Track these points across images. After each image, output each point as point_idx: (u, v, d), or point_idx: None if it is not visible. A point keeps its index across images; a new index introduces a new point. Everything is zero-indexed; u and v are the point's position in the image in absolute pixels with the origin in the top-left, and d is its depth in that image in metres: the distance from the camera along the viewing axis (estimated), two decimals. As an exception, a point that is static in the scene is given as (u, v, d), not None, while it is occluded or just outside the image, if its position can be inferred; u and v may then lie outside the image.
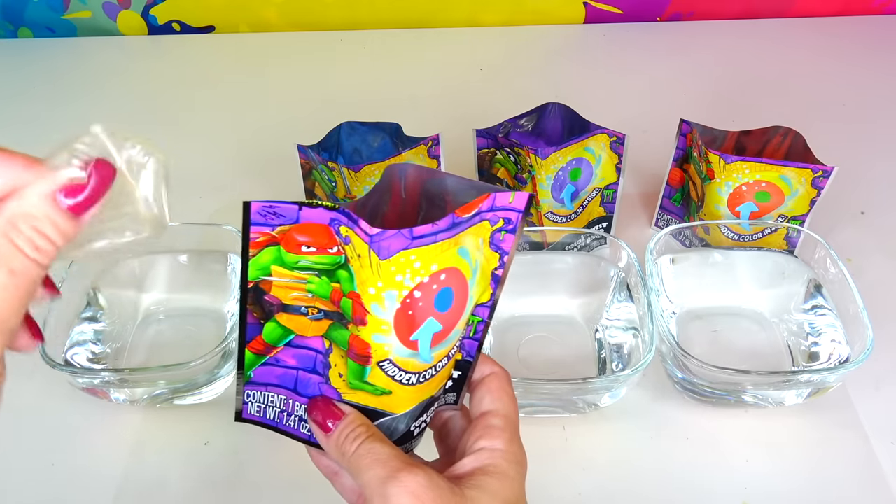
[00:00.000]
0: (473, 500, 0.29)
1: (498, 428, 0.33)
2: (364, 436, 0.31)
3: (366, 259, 0.29)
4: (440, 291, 0.30)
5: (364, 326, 0.30)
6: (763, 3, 0.93)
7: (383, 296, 0.29)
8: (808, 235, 0.54)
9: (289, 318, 0.32)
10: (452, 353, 0.33)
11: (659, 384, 0.52)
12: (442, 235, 0.29)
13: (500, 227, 0.31)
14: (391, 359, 0.31)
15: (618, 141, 0.57)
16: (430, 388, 0.33)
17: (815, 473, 0.48)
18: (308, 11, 0.93)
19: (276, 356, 0.33)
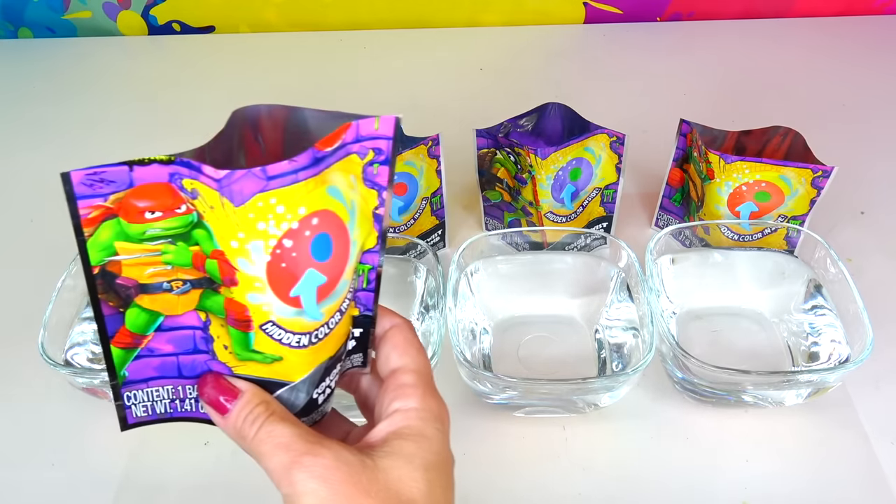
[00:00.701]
0: (388, 470, 0.27)
1: (409, 385, 0.30)
2: (264, 416, 0.28)
3: (219, 209, 0.25)
4: (315, 238, 0.26)
5: (236, 287, 0.27)
6: (763, 3, 0.93)
7: (248, 248, 0.26)
8: (808, 235, 0.54)
9: (152, 300, 0.28)
10: (345, 306, 0.30)
11: (659, 384, 0.52)
12: (304, 174, 0.25)
13: (371, 160, 0.28)
14: (273, 320, 0.27)
15: (618, 141, 0.57)
16: (326, 349, 0.30)
17: (816, 473, 0.48)
18: (308, 11, 0.93)
19: (149, 345, 0.29)
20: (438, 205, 0.60)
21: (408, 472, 0.28)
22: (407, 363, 0.31)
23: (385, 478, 0.27)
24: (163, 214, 0.26)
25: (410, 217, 0.59)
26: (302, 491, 0.26)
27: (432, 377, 0.32)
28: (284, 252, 0.26)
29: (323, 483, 0.26)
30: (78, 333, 0.53)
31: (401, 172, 0.56)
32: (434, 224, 0.61)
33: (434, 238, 0.62)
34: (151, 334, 0.28)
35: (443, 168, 0.58)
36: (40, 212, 0.68)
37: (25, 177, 0.73)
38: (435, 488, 0.28)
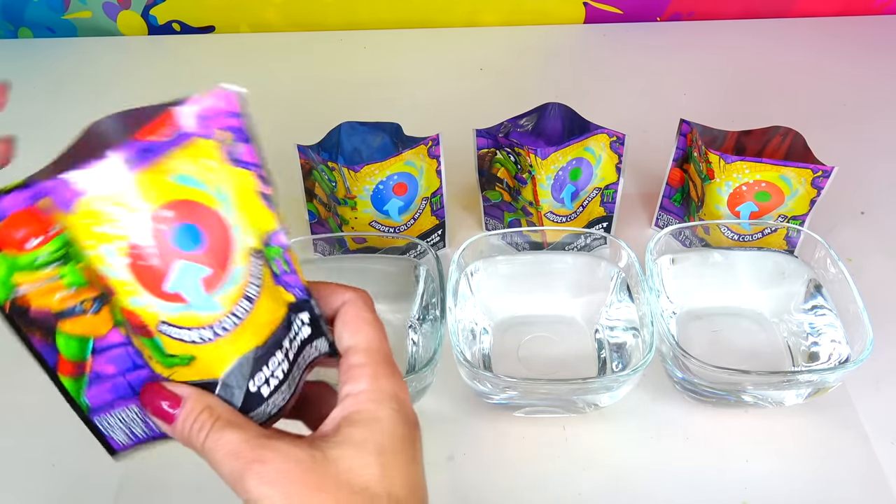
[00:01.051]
0: (338, 460, 0.27)
1: (359, 366, 0.29)
2: (209, 423, 0.27)
3: (70, 221, 0.25)
4: (176, 229, 0.25)
5: (115, 295, 0.26)
6: (763, 3, 0.93)
7: (101, 254, 0.25)
8: (808, 235, 0.54)
9: (72, 324, 0.27)
10: (254, 292, 0.28)
11: (659, 384, 0.52)
12: (124, 171, 0.24)
13: (231, 141, 0.27)
14: (164, 320, 0.27)
15: (618, 141, 0.57)
16: (245, 339, 0.28)
17: (815, 473, 0.48)
18: (308, 11, 0.93)
19: (94, 371, 0.28)
20: (438, 205, 0.60)
21: (359, 459, 0.27)
22: (358, 342, 0.30)
23: (335, 469, 0.27)
24: (42, 240, 0.25)
25: (410, 217, 0.59)
26: (257, 497, 0.26)
27: (387, 352, 0.30)
28: (140, 249, 0.25)
29: (274, 486, 0.26)
30: (78, 333, 0.53)
31: (401, 172, 0.56)
32: (434, 224, 0.61)
33: (434, 238, 0.62)
34: (90, 359, 0.28)
35: (443, 168, 0.58)
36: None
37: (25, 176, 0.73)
38: (391, 471, 0.27)
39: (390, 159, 0.55)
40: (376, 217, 0.57)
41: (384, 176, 0.55)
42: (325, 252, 0.56)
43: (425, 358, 0.51)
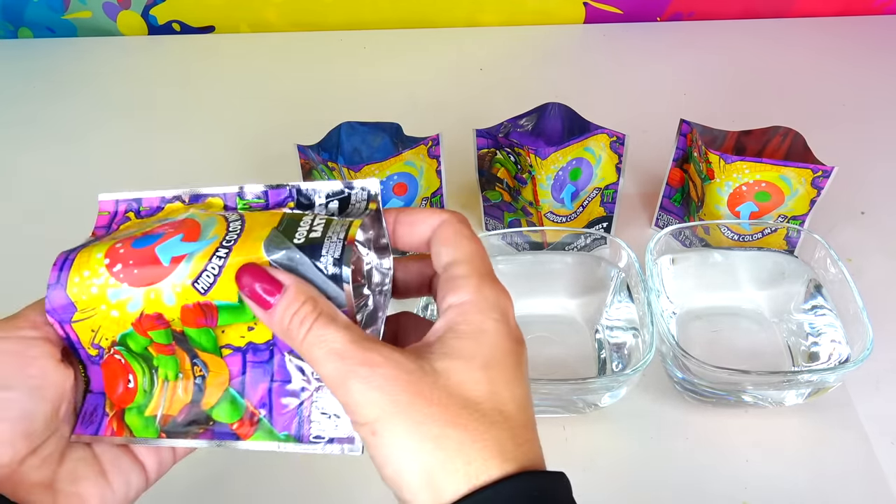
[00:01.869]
0: (447, 373, 0.25)
1: (461, 277, 0.28)
2: (312, 317, 0.26)
3: (89, 322, 0.30)
4: (132, 242, 0.29)
5: (164, 314, 0.29)
6: (763, 3, 0.93)
7: (114, 301, 0.29)
8: (808, 235, 0.54)
9: (210, 396, 0.30)
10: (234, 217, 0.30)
11: (659, 384, 0.52)
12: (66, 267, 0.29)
13: (137, 213, 0.33)
14: (191, 282, 0.28)
15: (618, 141, 0.57)
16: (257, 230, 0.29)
17: (815, 473, 0.48)
18: (308, 11, 0.93)
19: (258, 406, 0.30)
20: (438, 205, 0.60)
21: (467, 373, 0.26)
22: (457, 256, 0.28)
23: (445, 382, 0.25)
24: (133, 385, 0.30)
25: (410, 217, 0.59)
26: (360, 401, 0.25)
27: (489, 265, 0.29)
28: (121, 270, 0.29)
29: (383, 394, 0.25)
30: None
31: (401, 172, 0.56)
32: (434, 224, 0.61)
33: (434, 238, 0.62)
34: (247, 403, 0.30)
35: (443, 168, 0.58)
36: (40, 211, 0.68)
37: (25, 176, 0.73)
38: (498, 385, 0.26)
39: (390, 159, 0.55)
40: (376, 217, 0.57)
41: (384, 176, 0.55)
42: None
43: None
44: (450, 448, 0.25)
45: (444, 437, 0.25)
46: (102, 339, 0.30)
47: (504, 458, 0.25)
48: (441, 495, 0.24)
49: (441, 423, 0.25)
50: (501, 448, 0.25)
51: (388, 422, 0.25)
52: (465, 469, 0.24)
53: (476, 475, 0.25)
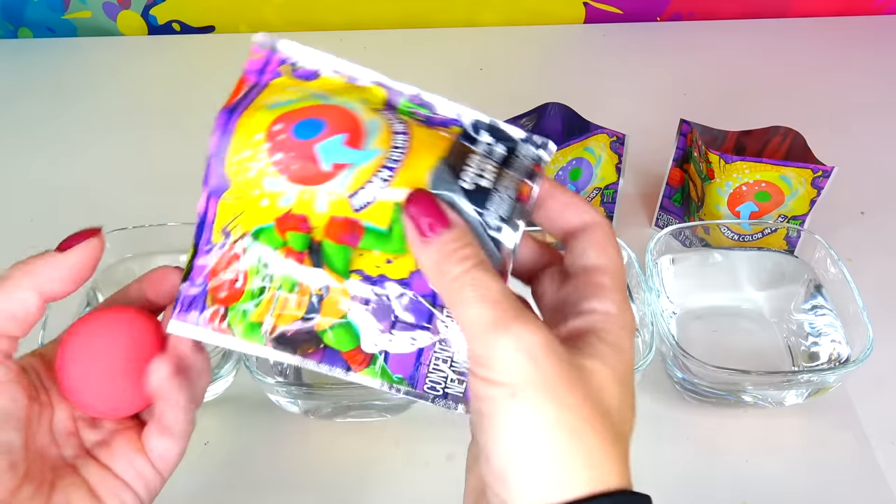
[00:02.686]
0: (592, 374, 0.25)
1: (608, 287, 0.27)
2: (472, 260, 0.25)
3: (235, 206, 0.28)
4: (294, 127, 0.28)
5: (310, 219, 0.28)
6: (763, 3, 0.93)
7: (269, 191, 0.27)
8: (808, 235, 0.54)
9: (323, 318, 0.28)
10: (401, 128, 0.29)
11: (659, 384, 0.52)
12: (231, 125, 0.28)
13: (292, 69, 0.30)
14: (349, 194, 0.27)
15: (618, 141, 0.57)
16: (422, 157, 0.28)
17: (816, 473, 0.48)
18: (308, 11, 0.93)
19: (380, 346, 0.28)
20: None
21: (608, 382, 0.25)
22: (606, 264, 0.28)
23: (589, 379, 0.25)
24: (237, 277, 0.28)
25: (410, 217, 0.59)
26: (505, 359, 0.24)
27: (626, 284, 0.29)
28: (282, 160, 0.27)
29: (532, 362, 0.23)
30: (78, 333, 0.53)
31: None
32: (434, 224, 0.61)
33: (434, 238, 0.62)
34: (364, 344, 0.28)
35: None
36: (40, 211, 0.68)
37: (25, 176, 0.73)
38: (625, 404, 0.26)
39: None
40: (376, 217, 0.57)
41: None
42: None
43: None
44: (583, 445, 0.24)
45: (582, 431, 0.24)
46: (238, 226, 0.28)
47: (621, 476, 0.25)
48: (558, 487, 0.23)
49: (581, 417, 0.24)
50: (621, 466, 0.25)
51: (532, 391, 0.23)
52: (589, 473, 0.24)
53: (597, 482, 0.24)
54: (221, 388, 0.52)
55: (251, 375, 0.45)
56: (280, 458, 0.49)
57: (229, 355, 0.50)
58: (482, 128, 0.31)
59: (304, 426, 0.51)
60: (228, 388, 0.52)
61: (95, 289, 0.55)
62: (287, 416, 0.50)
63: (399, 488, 0.48)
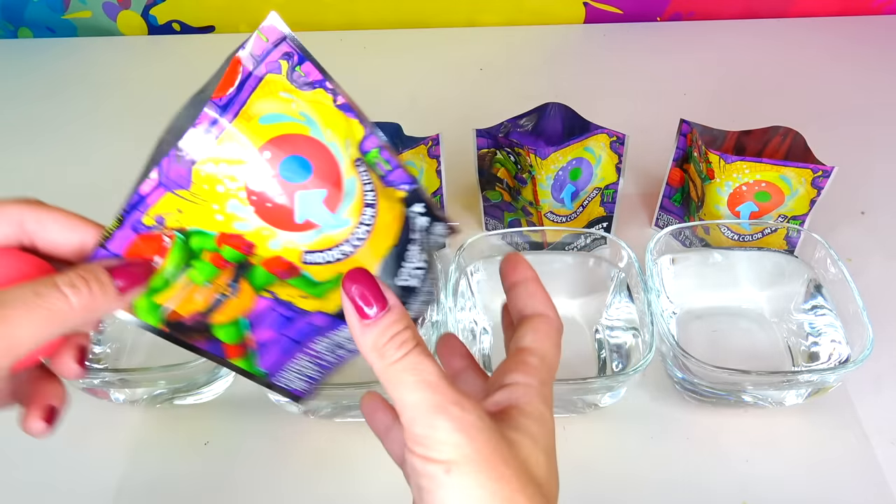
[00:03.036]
0: (520, 446, 0.27)
1: (534, 367, 0.29)
2: (411, 343, 0.27)
3: (184, 204, 0.27)
4: (281, 163, 0.27)
5: (256, 248, 0.28)
6: (763, 3, 0.93)
7: (229, 212, 0.27)
8: (808, 235, 0.54)
9: (222, 314, 0.30)
10: (371, 198, 0.30)
11: (659, 384, 0.52)
12: (217, 128, 0.26)
13: (290, 68, 0.28)
14: (305, 250, 0.29)
15: (618, 141, 0.57)
16: (380, 242, 0.30)
17: (816, 473, 0.48)
18: (308, 11, 0.93)
19: (257, 342, 0.31)
20: (438, 204, 0.60)
21: (535, 453, 0.27)
22: (538, 348, 0.30)
23: (518, 452, 0.27)
24: (158, 258, 0.28)
25: (410, 217, 0.59)
26: (443, 440, 0.25)
27: (555, 374, 0.31)
28: (259, 195, 0.27)
29: (468, 440, 0.25)
30: (78, 333, 0.53)
31: (401, 172, 0.56)
32: (434, 224, 0.61)
33: (434, 238, 0.62)
34: (248, 335, 0.31)
35: (443, 168, 0.58)
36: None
37: (25, 176, 0.73)
38: (552, 473, 0.28)
39: (390, 159, 0.55)
40: (376, 217, 0.57)
41: (384, 176, 0.55)
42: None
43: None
44: None
45: (514, 501, 0.25)
46: (176, 221, 0.27)
47: None
48: None
49: (513, 488, 0.26)
50: None
51: (467, 467, 0.25)
52: None
53: None
54: (221, 388, 0.52)
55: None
56: (280, 458, 0.49)
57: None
58: (416, 199, 0.32)
59: (304, 426, 0.51)
60: (228, 388, 0.52)
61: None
62: (287, 416, 0.50)
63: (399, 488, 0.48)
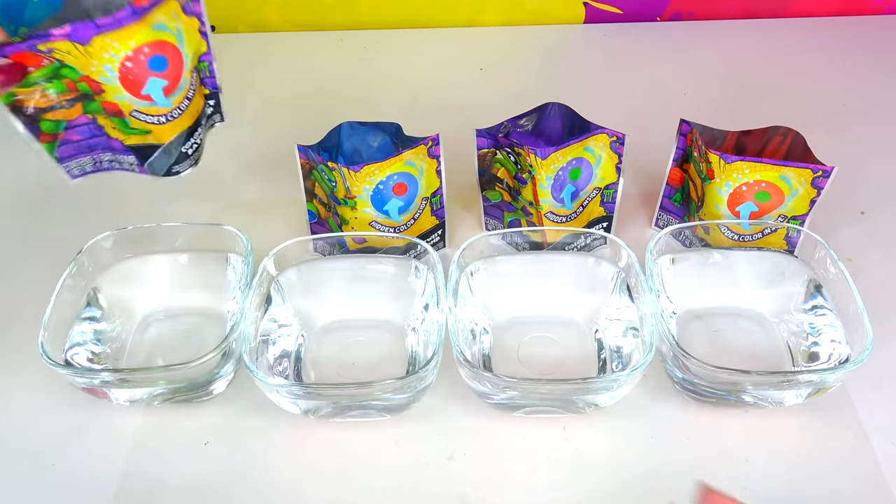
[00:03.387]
0: None
1: None
2: None
3: (75, 52, 0.41)
4: (150, 59, 0.42)
5: (104, 93, 0.43)
6: (763, 3, 0.93)
7: (103, 69, 0.42)
8: (808, 235, 0.54)
9: (53, 115, 0.44)
10: (192, 94, 0.47)
11: (659, 384, 0.52)
12: (126, 21, 0.41)
13: (184, 6, 0.44)
14: (137, 109, 0.44)
15: (618, 141, 0.57)
16: (183, 121, 0.47)
17: (816, 473, 0.48)
18: (308, 11, 0.93)
19: (64, 138, 0.45)
20: (438, 205, 0.60)
21: None
22: None
23: None
24: (34, 69, 0.41)
25: (410, 217, 0.59)
26: None
27: None
28: (128, 69, 0.42)
29: None
30: (78, 333, 0.53)
31: (401, 172, 0.56)
32: (434, 224, 0.61)
33: (434, 238, 0.62)
34: (62, 133, 0.45)
35: (443, 168, 0.58)
36: (40, 211, 0.68)
37: (25, 176, 0.73)
38: None
39: (390, 159, 0.55)
40: (376, 217, 0.57)
41: (384, 176, 0.55)
42: (325, 252, 0.56)
43: (425, 358, 0.51)
44: None
45: None
46: (60, 56, 0.41)
47: None
48: None
49: None
50: None
51: None
52: None
53: None
54: (221, 388, 0.52)
55: (251, 375, 0.46)
56: (280, 458, 0.49)
57: (229, 355, 0.50)
58: (213, 97, 0.50)
59: (304, 426, 0.51)
60: (228, 388, 0.52)
61: (96, 289, 0.55)
62: (287, 416, 0.50)
63: (399, 488, 0.48)
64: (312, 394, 0.48)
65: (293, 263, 0.54)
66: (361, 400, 0.48)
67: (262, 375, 0.45)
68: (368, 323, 0.56)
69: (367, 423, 0.51)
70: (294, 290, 0.55)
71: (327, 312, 0.56)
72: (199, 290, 0.57)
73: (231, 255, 0.56)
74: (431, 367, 0.46)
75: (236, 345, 0.49)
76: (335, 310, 0.56)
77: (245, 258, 0.53)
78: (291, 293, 0.54)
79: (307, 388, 0.48)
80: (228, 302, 0.56)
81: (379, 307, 0.56)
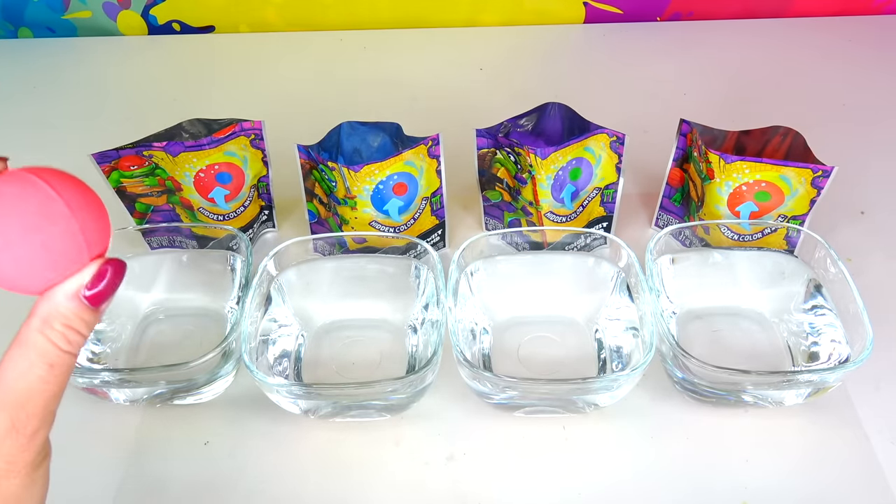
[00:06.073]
0: None
1: None
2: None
3: (167, 159, 0.56)
4: (219, 174, 0.57)
5: (182, 191, 0.58)
6: (763, 3, 0.93)
7: (184, 174, 0.57)
8: (808, 235, 0.54)
9: (145, 200, 0.59)
10: (248, 203, 0.61)
11: (659, 384, 0.52)
12: (207, 147, 0.56)
13: (253, 139, 0.59)
14: (203, 206, 0.59)
15: (618, 141, 0.57)
16: (238, 223, 0.61)
17: (816, 473, 0.48)
18: (308, 11, 0.93)
19: (150, 218, 0.60)
20: (438, 205, 0.60)
21: None
22: None
23: None
24: (137, 167, 0.57)
25: (410, 217, 0.59)
26: None
27: None
28: (201, 178, 0.57)
29: None
30: (78, 333, 0.52)
31: (401, 172, 0.56)
32: (434, 224, 0.61)
33: (434, 238, 0.62)
34: (149, 213, 0.60)
35: (443, 168, 0.58)
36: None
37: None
38: None
39: (390, 159, 0.55)
40: (376, 217, 0.57)
41: (384, 176, 0.55)
42: (325, 252, 0.56)
43: (425, 358, 0.51)
44: None
45: None
46: (159, 160, 0.57)
47: None
48: None
49: None
50: None
51: None
52: None
53: None
54: (221, 388, 0.52)
55: (251, 375, 0.46)
56: (280, 458, 0.49)
57: (229, 355, 0.50)
58: None
59: (304, 426, 0.51)
60: (228, 388, 0.52)
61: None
62: (287, 416, 0.50)
63: (399, 488, 0.48)
64: (312, 393, 0.48)
65: (293, 263, 0.54)
66: (361, 400, 0.48)
67: (262, 375, 0.45)
68: (368, 323, 0.56)
69: (367, 423, 0.51)
70: (294, 289, 0.55)
71: (327, 312, 0.56)
72: (199, 290, 0.57)
73: (231, 255, 0.56)
74: (431, 367, 0.46)
75: (236, 345, 0.49)
76: (335, 309, 0.56)
77: (245, 258, 0.53)
78: (291, 293, 0.54)
79: (307, 387, 0.48)
80: (228, 301, 0.56)
81: (379, 307, 0.56)
